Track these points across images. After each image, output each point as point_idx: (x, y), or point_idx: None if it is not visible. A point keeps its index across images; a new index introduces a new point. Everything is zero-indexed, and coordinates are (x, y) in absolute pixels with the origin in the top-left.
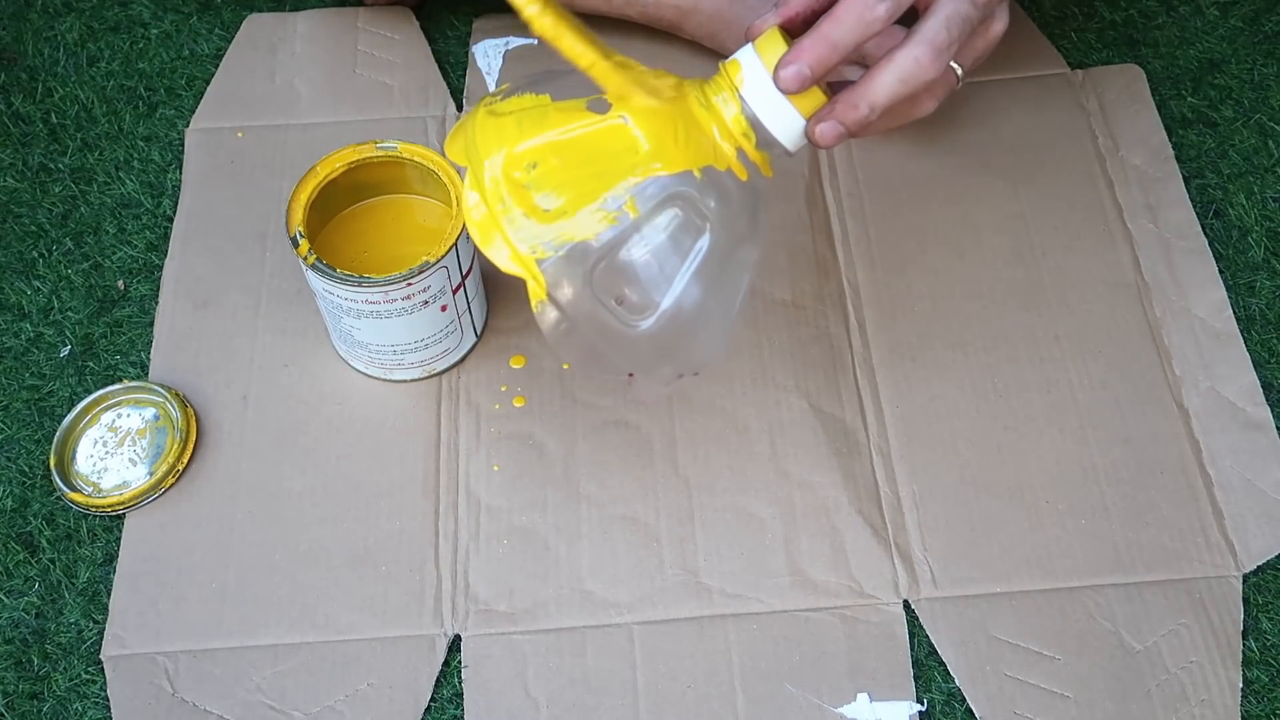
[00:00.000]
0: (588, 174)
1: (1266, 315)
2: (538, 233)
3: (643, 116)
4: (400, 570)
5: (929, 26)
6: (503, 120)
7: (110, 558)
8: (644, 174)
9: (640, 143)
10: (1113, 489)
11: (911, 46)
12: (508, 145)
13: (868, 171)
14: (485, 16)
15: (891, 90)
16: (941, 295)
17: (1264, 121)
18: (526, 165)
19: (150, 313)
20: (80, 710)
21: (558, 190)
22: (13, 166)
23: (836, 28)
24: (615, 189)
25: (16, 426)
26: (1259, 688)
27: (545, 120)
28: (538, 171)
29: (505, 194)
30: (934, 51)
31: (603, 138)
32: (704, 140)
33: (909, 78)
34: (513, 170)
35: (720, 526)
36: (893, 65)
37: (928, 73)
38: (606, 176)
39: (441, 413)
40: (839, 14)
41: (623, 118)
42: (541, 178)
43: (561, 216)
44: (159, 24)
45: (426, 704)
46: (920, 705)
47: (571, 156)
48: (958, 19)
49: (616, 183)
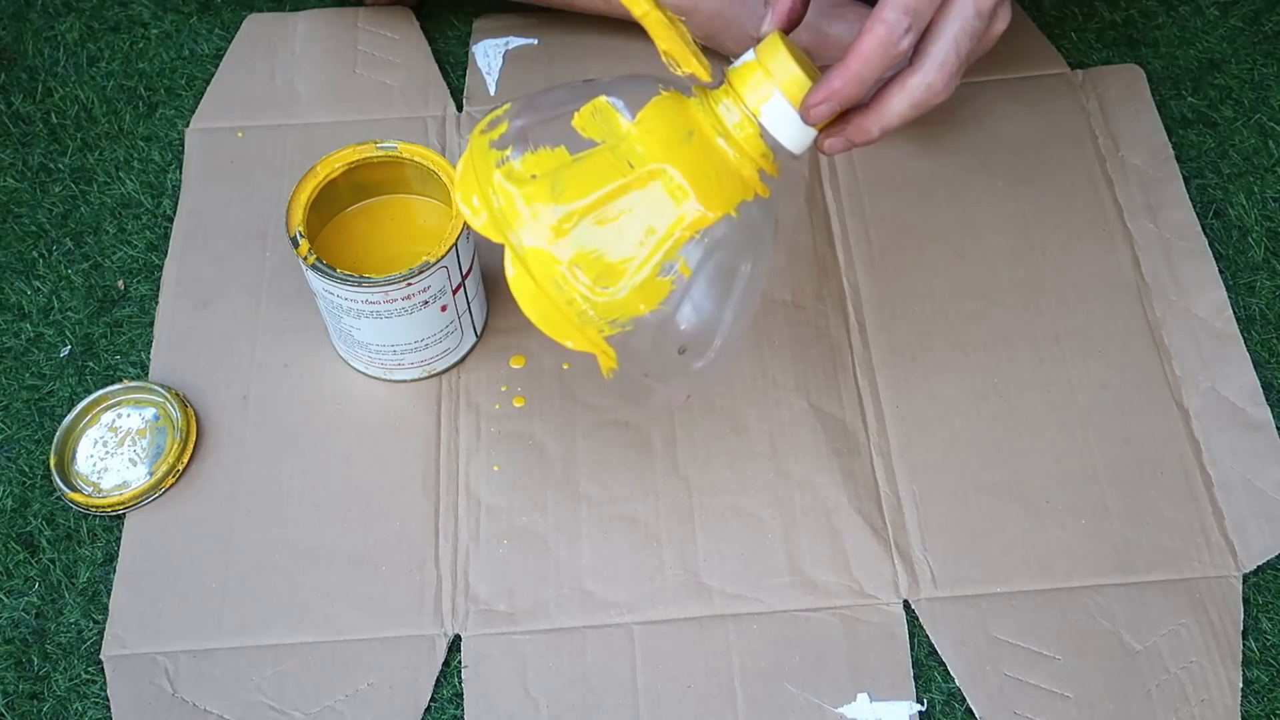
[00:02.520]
0: (636, 239)
1: (1266, 315)
2: (601, 311)
3: (680, 164)
4: (400, 570)
5: (939, 50)
6: (531, 187)
7: (110, 558)
8: (691, 231)
9: (683, 191)
10: (1113, 489)
11: (923, 73)
12: (546, 219)
13: (868, 171)
14: (485, 16)
15: (904, 115)
16: (941, 295)
17: (1264, 121)
18: (573, 242)
19: (150, 313)
20: (80, 710)
21: (611, 268)
22: (13, 166)
23: (864, 67)
24: (667, 252)
25: (16, 426)
26: (1259, 688)
27: (578, 182)
28: (586, 246)
29: (560, 279)
30: (946, 76)
31: (644, 197)
32: (733, 174)
33: (921, 104)
34: (559, 246)
35: (720, 526)
36: (905, 94)
37: (939, 97)
38: (656, 239)
39: (441, 413)
40: (864, 51)
41: (665, 170)
42: (592, 256)
43: (620, 292)
44: (159, 24)
45: (426, 704)
46: (920, 705)
47: (617, 225)
48: (966, 37)
49: (667, 245)
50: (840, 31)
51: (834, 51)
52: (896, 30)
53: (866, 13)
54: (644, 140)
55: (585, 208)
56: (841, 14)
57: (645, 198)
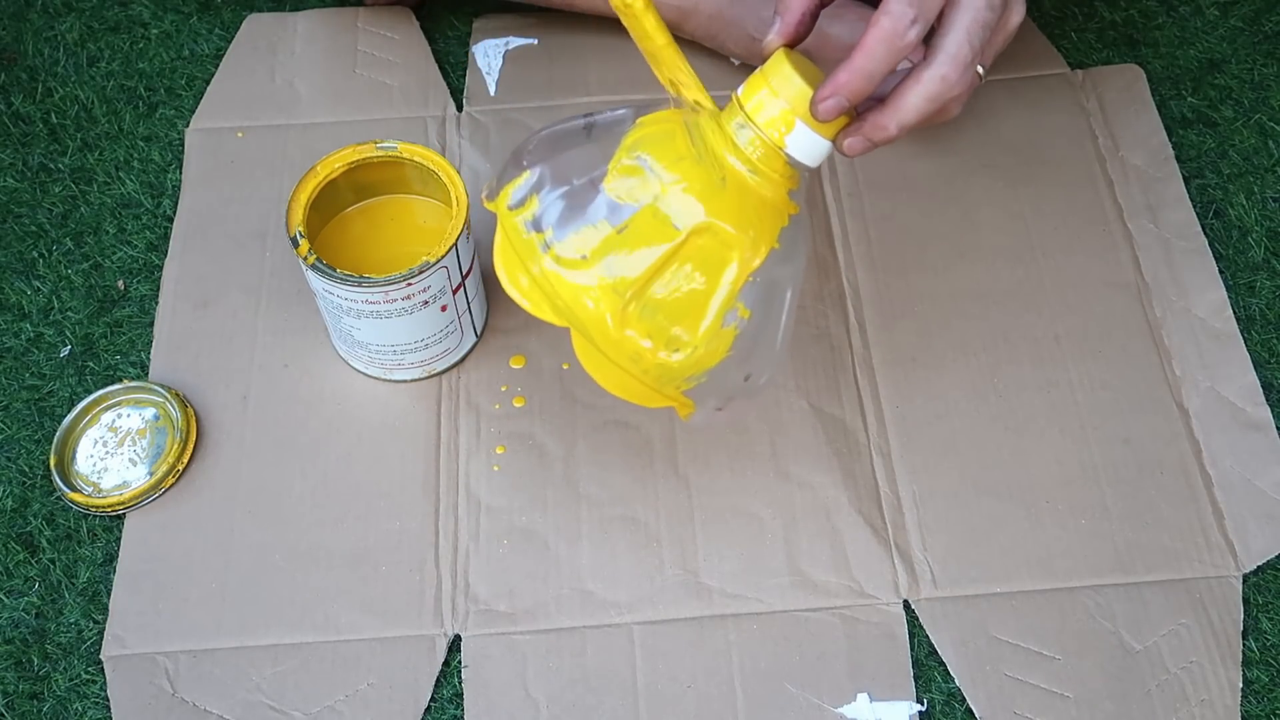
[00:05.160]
0: (698, 300)
1: (1266, 315)
2: (677, 372)
3: (722, 213)
4: (400, 570)
5: (951, 42)
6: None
7: (110, 558)
8: (745, 275)
9: (730, 240)
10: (1113, 489)
11: (936, 66)
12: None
13: (868, 171)
14: (485, 16)
15: (920, 110)
16: (941, 295)
17: (1264, 121)
18: (638, 317)
19: (150, 313)
20: (80, 710)
21: (678, 333)
22: (13, 166)
23: (870, 60)
24: (726, 302)
25: (16, 426)
26: (1259, 688)
27: (629, 255)
28: (651, 318)
29: (633, 354)
30: (960, 68)
31: (697, 257)
32: (769, 207)
33: (937, 96)
34: (628, 327)
35: (720, 526)
36: (920, 86)
37: (955, 89)
38: (719, 297)
39: (441, 413)
40: (870, 47)
41: (711, 225)
42: (658, 325)
43: (694, 349)
44: (159, 24)
45: (426, 704)
46: (920, 705)
47: (678, 291)
48: (978, 28)
49: (725, 296)
50: (840, 32)
51: (834, 52)
52: (901, 22)
53: (867, 13)
54: (682, 197)
55: (642, 281)
56: (842, 14)
57: (698, 257)
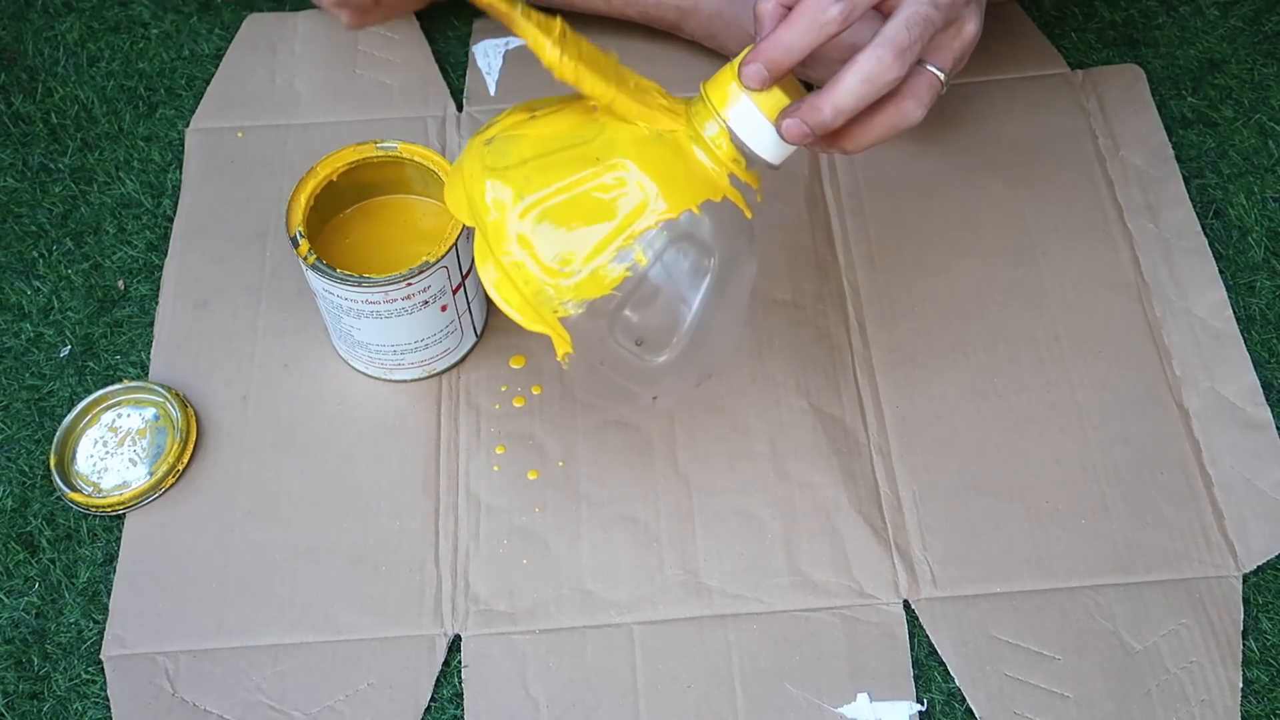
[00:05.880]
0: (594, 227)
1: (1266, 315)
2: (556, 292)
3: (645, 160)
4: (400, 570)
5: (889, 27)
6: (504, 175)
7: (110, 558)
8: (651, 222)
9: (644, 186)
10: (1113, 489)
11: (873, 48)
12: (513, 204)
13: (868, 171)
14: (485, 16)
15: (856, 91)
16: (941, 295)
17: (1264, 121)
18: (534, 222)
19: (150, 313)
20: (80, 710)
21: (570, 247)
22: (13, 166)
23: (789, 31)
24: (626, 240)
25: (16, 426)
26: (1259, 688)
27: (549, 171)
28: (546, 229)
29: (520, 259)
30: (895, 51)
31: (607, 188)
32: (701, 174)
33: (872, 77)
34: (521, 229)
35: (720, 526)
36: (855, 67)
37: (890, 71)
38: (616, 227)
39: (441, 413)
40: (793, 18)
41: (627, 165)
42: (551, 235)
43: (577, 274)
44: (159, 24)
45: (426, 704)
46: (920, 705)
47: (579, 210)
48: (918, 19)
49: (625, 232)
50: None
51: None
52: None
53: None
54: (614, 137)
55: (549, 195)
56: None
57: (605, 188)
